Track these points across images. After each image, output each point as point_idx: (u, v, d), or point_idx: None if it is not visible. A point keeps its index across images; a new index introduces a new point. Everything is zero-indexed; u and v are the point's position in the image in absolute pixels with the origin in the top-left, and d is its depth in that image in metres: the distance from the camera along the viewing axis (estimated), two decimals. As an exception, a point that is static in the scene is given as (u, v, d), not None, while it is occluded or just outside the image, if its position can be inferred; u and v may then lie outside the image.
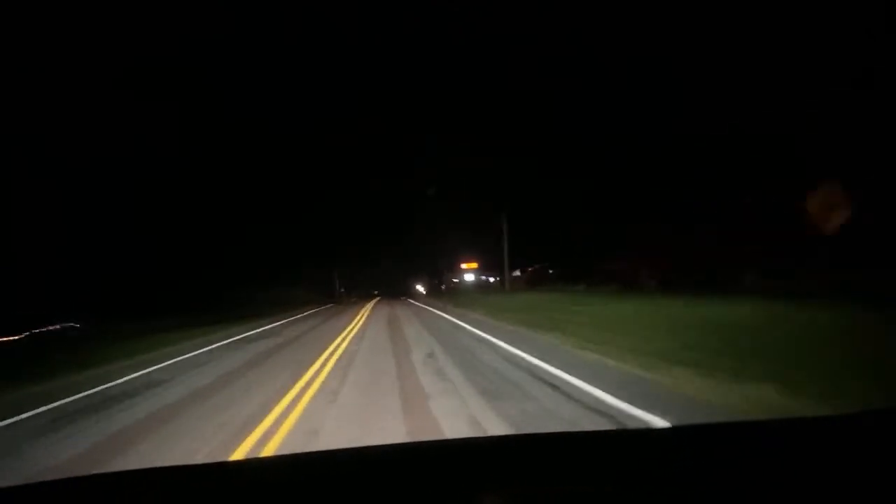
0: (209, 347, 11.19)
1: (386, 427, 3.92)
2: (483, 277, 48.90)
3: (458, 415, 4.14)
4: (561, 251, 31.95)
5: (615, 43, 22.00)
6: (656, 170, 21.80)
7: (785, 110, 17.23)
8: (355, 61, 45.28)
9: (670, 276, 20.60)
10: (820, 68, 16.38)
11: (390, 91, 46.57)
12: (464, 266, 48.51)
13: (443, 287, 57.13)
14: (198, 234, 37.17)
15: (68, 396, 6.35)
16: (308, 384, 5.93)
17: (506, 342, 8.49)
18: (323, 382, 5.98)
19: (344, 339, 10.72)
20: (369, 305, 29.89)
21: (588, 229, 26.96)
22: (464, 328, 11.71)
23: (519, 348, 7.61)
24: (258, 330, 15.54)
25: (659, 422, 3.56)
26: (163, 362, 9.08)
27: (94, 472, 1.25)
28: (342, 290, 67.18)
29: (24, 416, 5.46)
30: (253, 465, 1.55)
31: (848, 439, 1.14)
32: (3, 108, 24.96)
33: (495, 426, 3.76)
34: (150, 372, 7.97)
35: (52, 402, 6.04)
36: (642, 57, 21.68)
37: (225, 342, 12.21)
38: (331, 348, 9.25)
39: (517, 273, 46.20)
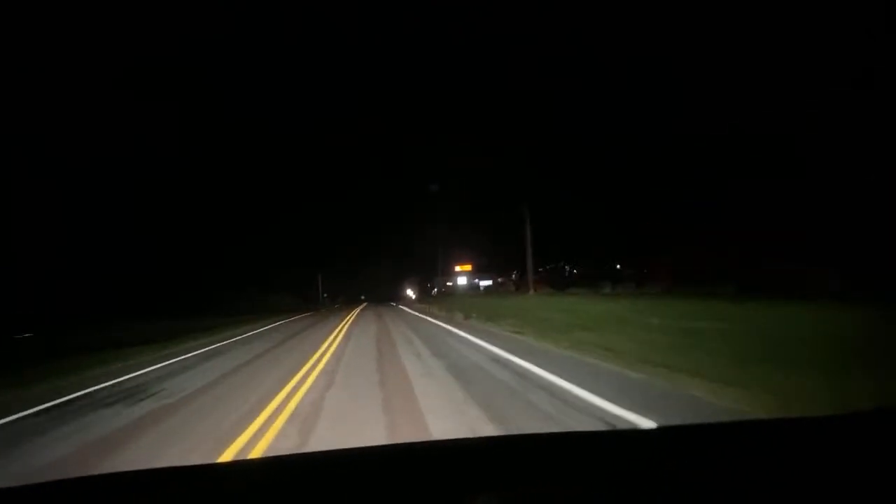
0: (88, 390, 6.85)
1: None
2: (476, 280, 46.34)
3: None
4: (583, 249, 28.44)
5: (615, 43, 22.08)
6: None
7: (785, 110, 17.27)
8: (355, 61, 45.37)
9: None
10: (820, 68, 16.40)
11: (390, 91, 46.69)
12: (457, 268, 45.36)
13: (434, 291, 52.64)
14: (196, 235, 37.12)
15: None
16: None
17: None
18: None
19: (287, 402, 5.03)
20: (353, 314, 24.23)
21: (650, 219, 23.08)
22: (559, 389, 4.89)
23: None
24: (193, 354, 10.61)
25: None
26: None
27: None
28: (325, 295, 62.22)
29: None
30: (247, 467, 1.54)
31: (836, 440, 1.12)
32: (3, 108, 25.04)
33: None
34: None
35: None
36: (642, 57, 21.76)
37: (128, 377, 7.74)
38: (250, 430, 4.09)
39: (514, 276, 44.92)
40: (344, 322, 18.26)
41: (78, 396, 6.84)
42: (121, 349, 11.79)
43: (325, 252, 61.64)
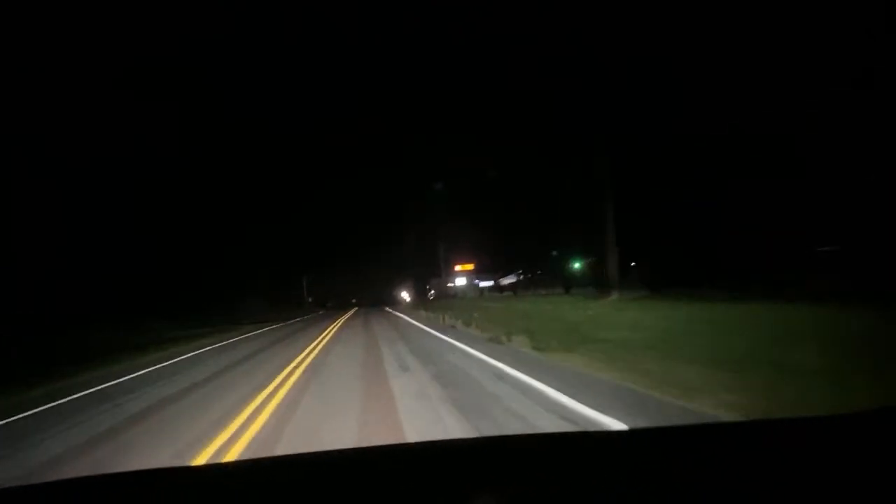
0: None
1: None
2: (475, 281, 45.27)
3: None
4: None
5: (615, 43, 22.04)
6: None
7: (785, 110, 17.31)
8: (355, 61, 45.35)
9: None
10: (820, 68, 16.43)
11: (390, 91, 46.64)
12: (457, 268, 43.98)
13: (431, 293, 49.78)
14: (196, 235, 37.13)
15: None
16: None
17: None
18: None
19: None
20: (337, 324, 20.31)
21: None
22: None
23: None
24: (96, 388, 8.42)
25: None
26: None
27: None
28: (311, 299, 57.68)
29: None
30: (245, 467, 1.54)
31: (832, 440, 1.12)
32: (3, 109, 25.01)
33: None
34: None
35: None
36: (642, 57, 21.74)
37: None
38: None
39: (512, 278, 42.53)
40: (324, 335, 14.37)
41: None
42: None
43: (320, 253, 60.38)
